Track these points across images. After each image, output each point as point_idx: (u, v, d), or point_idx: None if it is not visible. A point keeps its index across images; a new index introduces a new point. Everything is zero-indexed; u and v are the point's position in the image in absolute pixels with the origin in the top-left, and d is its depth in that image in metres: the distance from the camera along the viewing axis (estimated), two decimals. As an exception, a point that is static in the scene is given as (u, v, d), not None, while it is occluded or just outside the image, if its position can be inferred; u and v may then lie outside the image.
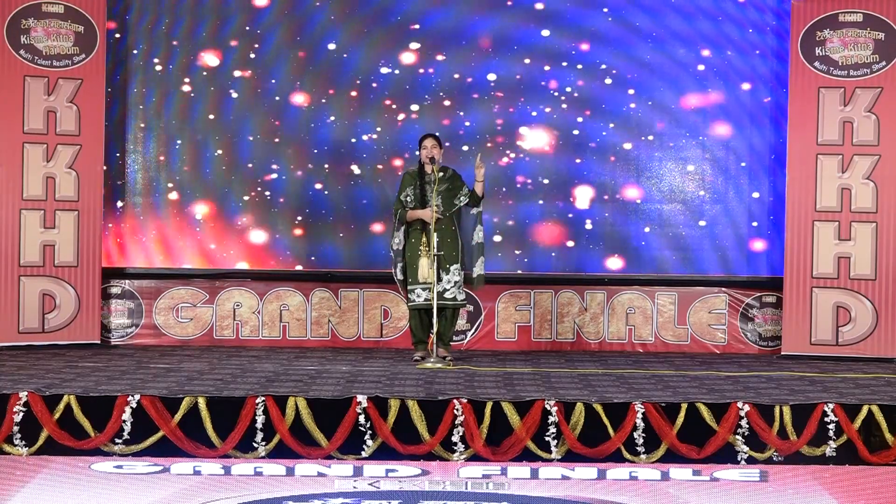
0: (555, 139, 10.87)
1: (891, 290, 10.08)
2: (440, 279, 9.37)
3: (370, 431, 7.37)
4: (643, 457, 7.36)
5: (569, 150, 10.87)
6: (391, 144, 10.86)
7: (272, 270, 10.87)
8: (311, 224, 10.88)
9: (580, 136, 10.86)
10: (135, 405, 7.37)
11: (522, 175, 10.87)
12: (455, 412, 7.39)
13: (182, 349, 10.40)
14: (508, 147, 10.85)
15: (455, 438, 7.36)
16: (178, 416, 7.37)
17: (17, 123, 10.23)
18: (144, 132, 10.89)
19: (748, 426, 7.41)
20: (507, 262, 10.85)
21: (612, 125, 10.85)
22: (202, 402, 7.41)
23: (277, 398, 7.45)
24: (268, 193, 10.87)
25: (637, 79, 10.82)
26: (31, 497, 7.03)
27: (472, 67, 10.86)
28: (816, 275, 10.21)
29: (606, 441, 7.38)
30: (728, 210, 10.84)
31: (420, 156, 9.58)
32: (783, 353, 10.28)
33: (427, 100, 10.85)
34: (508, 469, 7.29)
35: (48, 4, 10.32)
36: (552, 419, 7.37)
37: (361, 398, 7.42)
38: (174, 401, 7.43)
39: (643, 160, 10.87)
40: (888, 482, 7.25)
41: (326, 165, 10.88)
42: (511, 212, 10.86)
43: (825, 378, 8.90)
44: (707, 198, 10.88)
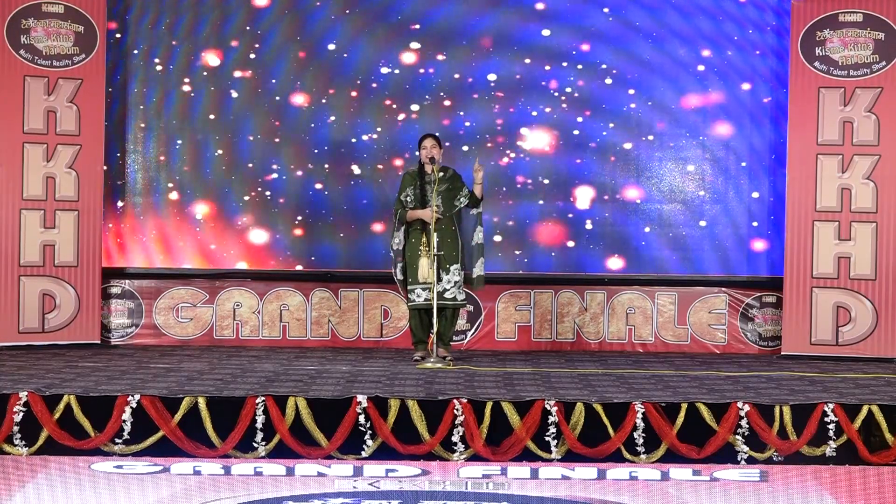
0: (555, 139, 10.87)
1: (891, 290, 10.07)
2: (440, 279, 9.37)
3: (370, 431, 7.36)
4: (643, 457, 7.36)
5: (569, 150, 10.86)
6: (391, 144, 10.85)
7: (272, 270, 10.87)
8: (312, 224, 10.88)
9: (580, 136, 10.86)
10: (135, 405, 7.37)
11: (522, 175, 10.86)
12: (455, 412, 7.38)
13: (182, 349, 10.39)
14: (508, 147, 10.85)
15: (455, 438, 7.36)
16: (178, 416, 7.37)
17: (17, 123, 10.23)
18: (145, 132, 10.89)
19: (748, 426, 7.41)
20: (508, 262, 10.84)
21: (613, 125, 10.85)
22: (202, 402, 7.41)
23: (277, 398, 7.45)
24: (268, 193, 10.87)
25: (637, 79, 10.82)
26: (31, 497, 7.02)
27: (473, 67, 10.85)
28: (816, 275, 10.21)
29: (606, 441, 7.38)
30: (728, 210, 10.84)
31: (420, 156, 9.59)
32: (783, 353, 10.28)
33: (427, 100, 10.85)
34: (508, 469, 7.29)
35: (48, 4, 10.31)
36: (552, 419, 7.37)
37: (361, 398, 7.42)
38: (174, 401, 7.43)
39: (643, 160, 10.87)
40: (888, 482, 7.24)
41: (326, 165, 10.88)
42: (511, 212, 10.85)
43: (825, 378, 8.90)
44: (707, 198, 10.87)
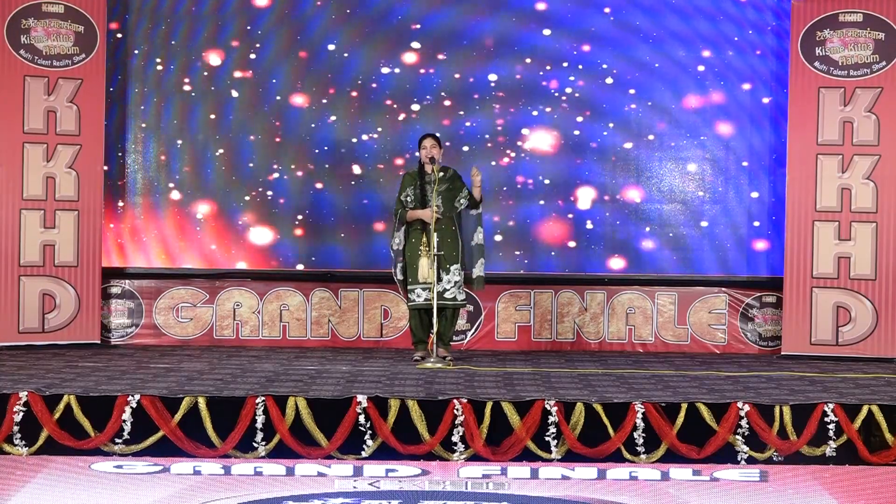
0: (555, 139, 10.87)
1: (891, 290, 10.07)
2: (440, 279, 9.37)
3: (370, 431, 7.36)
4: (643, 457, 7.35)
5: (569, 151, 10.86)
6: (392, 144, 10.85)
7: (272, 270, 10.87)
8: (312, 224, 10.87)
9: (581, 137, 10.85)
10: (135, 405, 7.37)
11: (523, 175, 10.86)
12: (455, 412, 7.38)
13: (182, 349, 10.39)
14: (509, 147, 10.85)
15: (455, 438, 7.36)
16: (178, 416, 7.37)
17: (17, 123, 10.23)
18: (145, 132, 10.89)
19: (748, 426, 7.41)
20: (508, 263, 10.84)
21: (613, 126, 10.85)
22: (202, 402, 7.41)
23: (277, 398, 7.45)
24: (268, 193, 10.87)
25: (637, 79, 10.82)
26: (31, 497, 7.02)
27: (473, 68, 10.85)
28: (816, 275, 10.21)
29: (606, 441, 7.38)
30: (728, 210, 10.84)
31: (420, 156, 9.59)
32: (783, 353, 10.28)
33: (428, 100, 10.85)
34: (508, 469, 7.29)
35: (48, 4, 10.31)
36: (552, 419, 7.37)
37: (361, 398, 7.42)
38: (174, 401, 7.43)
39: (643, 160, 10.87)
40: (888, 482, 7.24)
41: (327, 165, 10.88)
42: (511, 212, 10.85)
43: (825, 378, 8.90)
44: (707, 198, 10.87)
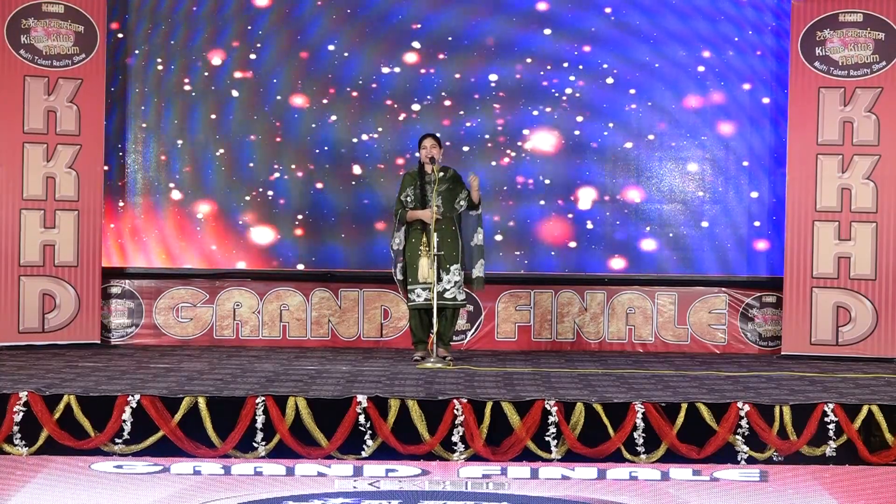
0: (556, 140, 10.87)
1: (891, 290, 10.07)
2: (440, 279, 9.37)
3: (370, 431, 7.36)
4: (643, 457, 7.35)
5: (570, 151, 10.86)
6: (392, 144, 10.85)
7: (272, 270, 10.86)
8: (312, 224, 10.87)
9: (581, 137, 10.85)
10: (135, 405, 7.37)
11: (523, 175, 10.86)
12: (455, 412, 7.38)
13: (182, 349, 10.39)
14: (509, 147, 10.85)
15: (455, 438, 7.36)
16: (178, 416, 7.37)
17: (17, 123, 10.23)
18: (145, 132, 10.88)
19: (748, 426, 7.41)
20: (508, 262, 10.84)
21: (613, 126, 10.85)
22: (202, 402, 7.41)
23: (277, 398, 7.45)
24: (269, 193, 10.86)
25: (638, 79, 10.82)
26: (31, 497, 7.02)
27: (474, 68, 10.85)
28: (816, 275, 10.21)
29: (606, 441, 7.38)
30: (728, 210, 10.84)
31: (420, 156, 9.59)
32: (783, 353, 10.28)
33: (428, 100, 10.85)
34: (508, 469, 7.29)
35: (48, 4, 10.32)
36: (552, 419, 7.37)
37: (361, 398, 7.41)
38: (174, 401, 7.43)
39: (644, 160, 10.87)
40: (888, 482, 7.24)
41: (327, 165, 10.88)
42: (512, 212, 10.85)
43: (825, 378, 8.90)
44: (707, 198, 10.87)
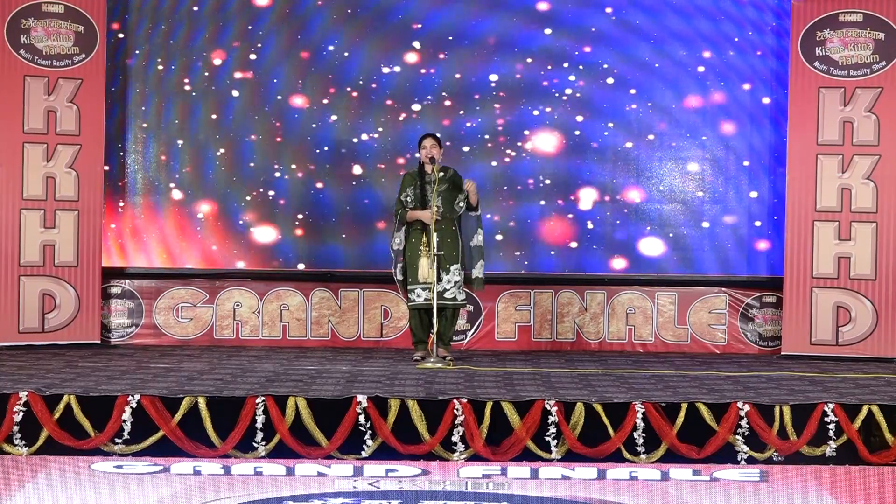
0: (556, 140, 10.87)
1: (891, 290, 10.07)
2: (440, 279, 9.37)
3: (370, 431, 7.36)
4: (643, 457, 7.35)
5: (570, 151, 10.86)
6: (392, 144, 10.85)
7: (272, 270, 10.86)
8: (313, 224, 10.87)
9: (581, 137, 10.85)
10: (135, 405, 7.37)
11: (523, 175, 10.86)
12: (455, 412, 7.38)
13: (182, 349, 10.40)
14: (510, 147, 10.85)
15: (455, 438, 7.36)
16: (178, 416, 7.37)
17: (17, 123, 10.24)
18: (146, 132, 10.88)
19: (748, 426, 7.41)
20: (508, 263, 10.84)
21: (614, 126, 10.85)
22: (202, 402, 7.41)
23: (277, 398, 7.45)
24: (269, 193, 10.86)
25: (638, 79, 10.82)
26: (31, 497, 7.02)
27: (474, 67, 10.85)
28: (816, 275, 10.21)
29: (606, 441, 7.38)
30: (728, 210, 10.84)
31: (420, 156, 9.58)
32: (783, 353, 10.28)
33: (428, 100, 10.85)
34: (508, 469, 7.29)
35: (48, 4, 10.32)
36: (552, 419, 7.37)
37: (361, 398, 7.41)
38: (174, 401, 7.43)
39: (644, 160, 10.87)
40: (888, 482, 7.24)
41: (328, 165, 10.88)
42: (512, 212, 10.85)
43: (825, 378, 8.90)
44: (707, 198, 10.87)
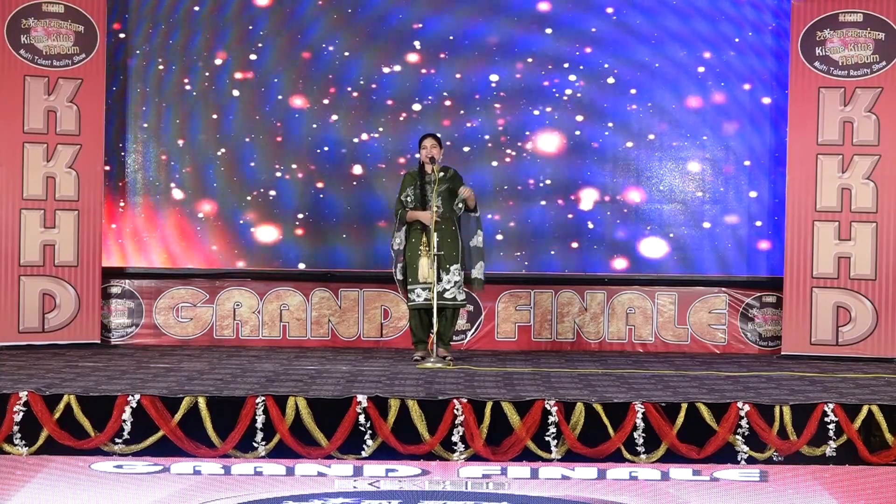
0: (556, 140, 10.87)
1: (891, 290, 10.07)
2: (440, 279, 9.37)
3: (370, 431, 7.36)
4: (643, 457, 7.35)
5: (570, 151, 10.86)
6: (393, 144, 10.85)
7: (272, 270, 10.86)
8: (313, 224, 10.87)
9: (582, 137, 10.85)
10: (135, 405, 7.37)
11: (524, 176, 10.85)
12: (455, 412, 7.38)
13: (182, 349, 10.40)
14: (510, 147, 10.85)
15: (455, 438, 7.36)
16: (178, 416, 7.36)
17: (17, 123, 10.23)
18: (146, 132, 10.88)
19: (748, 426, 7.41)
20: (508, 263, 10.84)
21: (614, 126, 10.84)
22: (202, 402, 7.40)
23: (277, 398, 7.45)
24: (270, 193, 10.86)
25: (638, 80, 10.82)
26: (31, 497, 7.03)
27: (475, 68, 10.85)
28: (816, 275, 10.20)
29: (606, 441, 7.37)
30: (728, 210, 10.83)
31: (420, 156, 9.58)
32: (783, 353, 10.28)
33: (429, 100, 10.85)
34: (508, 469, 7.29)
35: (48, 4, 10.31)
36: (552, 419, 7.37)
37: (361, 398, 7.41)
38: (174, 400, 7.43)
39: (644, 161, 10.87)
40: (888, 482, 7.24)
41: (328, 165, 10.88)
42: (512, 212, 10.85)
43: (825, 378, 8.90)
44: (707, 198, 10.87)
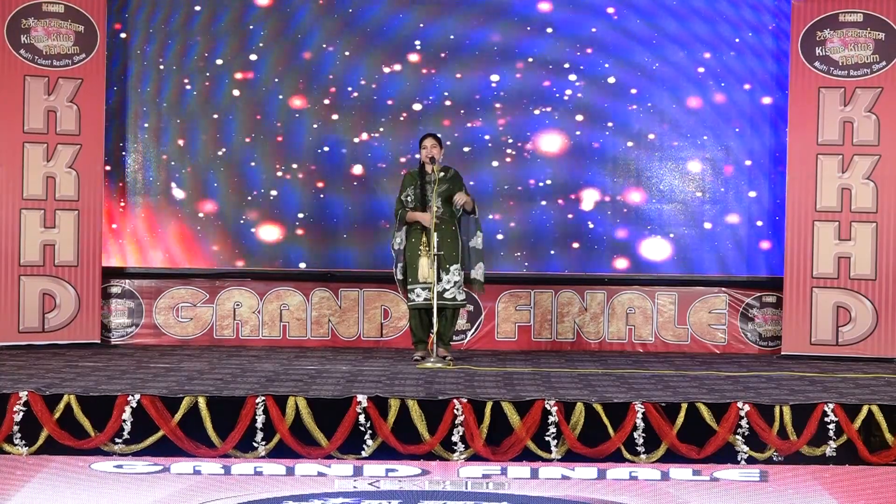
0: (557, 140, 10.87)
1: (891, 290, 10.07)
2: (440, 279, 9.36)
3: (370, 431, 7.36)
4: (643, 457, 7.35)
5: (570, 152, 10.86)
6: (393, 144, 10.85)
7: (272, 270, 10.87)
8: (314, 224, 10.87)
9: (582, 138, 10.85)
10: (135, 405, 7.37)
11: (524, 176, 10.85)
12: (455, 412, 7.38)
13: (182, 349, 10.40)
14: (510, 148, 10.85)
15: (455, 438, 7.36)
16: (178, 416, 7.36)
17: (17, 123, 10.23)
18: (147, 132, 10.88)
19: (748, 426, 7.41)
20: (509, 263, 10.84)
21: (614, 126, 10.84)
22: (202, 402, 7.40)
23: (277, 398, 7.45)
24: (270, 193, 10.86)
25: (639, 81, 10.82)
26: (31, 497, 7.03)
27: (475, 68, 10.84)
28: (816, 275, 10.21)
29: (606, 441, 7.37)
30: (728, 210, 10.84)
31: (420, 156, 9.58)
32: (783, 353, 10.28)
33: (429, 100, 10.85)
34: (508, 469, 7.29)
35: (48, 4, 10.31)
36: (552, 419, 7.37)
37: (361, 398, 7.41)
38: (174, 400, 7.43)
39: (644, 161, 10.87)
40: (888, 482, 7.24)
41: (328, 165, 10.88)
42: (513, 213, 10.85)
43: (825, 378, 8.90)
44: (707, 198, 10.87)
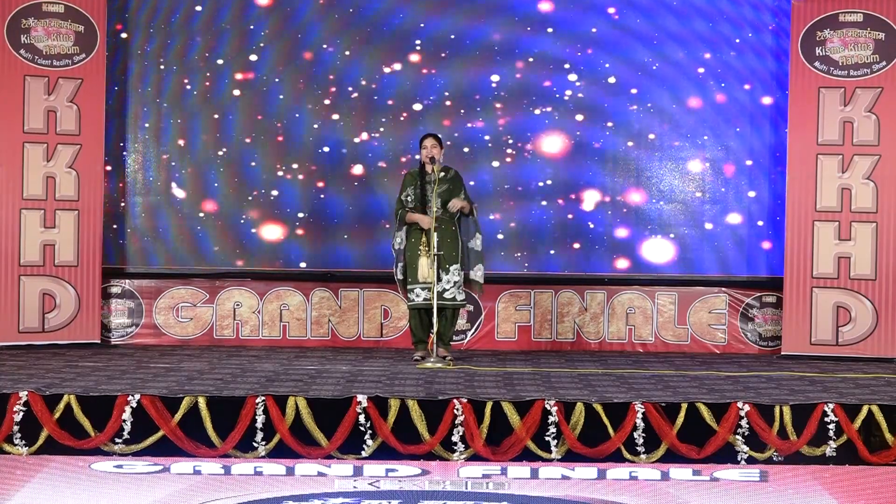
0: (557, 140, 10.87)
1: (891, 290, 10.07)
2: (440, 279, 9.37)
3: (370, 431, 7.36)
4: (643, 457, 7.35)
5: (570, 152, 10.86)
6: (393, 144, 10.85)
7: (272, 270, 10.87)
8: (313, 224, 10.87)
9: (582, 137, 10.86)
10: (135, 405, 7.37)
11: (524, 176, 10.85)
12: (455, 412, 7.38)
13: (182, 349, 10.40)
14: (510, 148, 10.85)
15: (455, 438, 7.36)
16: (178, 416, 7.36)
17: (18, 123, 10.23)
18: (147, 132, 10.88)
19: (748, 426, 7.41)
20: (509, 263, 10.84)
21: (614, 126, 10.84)
22: (202, 402, 7.40)
23: (277, 398, 7.45)
24: (271, 193, 10.86)
25: (639, 81, 10.82)
26: (31, 497, 7.03)
27: (476, 68, 10.85)
28: (816, 275, 10.21)
29: (606, 441, 7.38)
30: (728, 210, 10.83)
31: (420, 156, 9.58)
32: (783, 353, 10.28)
33: (430, 100, 10.85)
34: (508, 469, 7.29)
35: (48, 4, 10.31)
36: (552, 419, 7.37)
37: (361, 398, 7.41)
38: (174, 400, 7.43)
39: (644, 161, 10.87)
40: (888, 482, 7.25)
41: (329, 165, 10.88)
42: (513, 213, 10.85)
43: (825, 378, 8.90)
44: (707, 198, 10.87)
